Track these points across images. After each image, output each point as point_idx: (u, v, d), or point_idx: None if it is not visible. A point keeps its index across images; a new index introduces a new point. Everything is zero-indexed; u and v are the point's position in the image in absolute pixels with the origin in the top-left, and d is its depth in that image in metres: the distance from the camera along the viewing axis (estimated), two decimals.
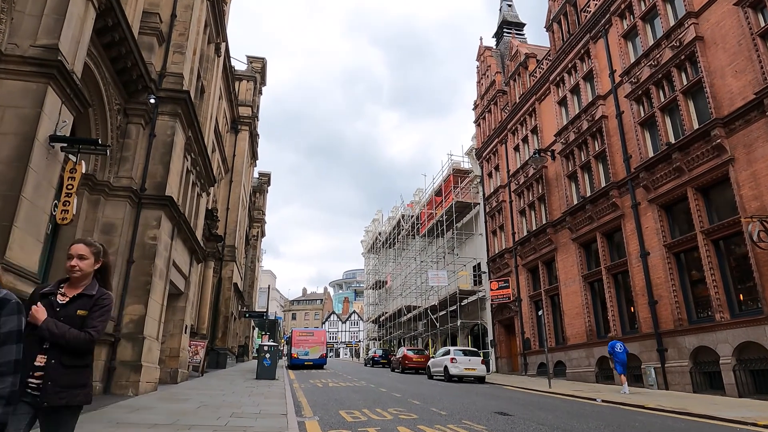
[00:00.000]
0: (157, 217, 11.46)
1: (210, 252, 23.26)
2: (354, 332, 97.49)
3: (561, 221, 20.33)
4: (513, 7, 31.99)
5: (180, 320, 14.56)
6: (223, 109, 26.64)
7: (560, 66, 21.21)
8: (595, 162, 18.56)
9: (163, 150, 12.01)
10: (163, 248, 11.75)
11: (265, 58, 34.13)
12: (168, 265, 12.25)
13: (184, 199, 13.87)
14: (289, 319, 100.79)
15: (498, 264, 25.94)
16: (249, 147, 32.44)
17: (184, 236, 13.82)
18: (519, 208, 24.23)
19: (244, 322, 44.50)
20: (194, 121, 13.43)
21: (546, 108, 22.59)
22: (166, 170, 11.86)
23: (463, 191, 30.88)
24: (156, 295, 11.38)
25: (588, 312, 18.44)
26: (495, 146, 27.44)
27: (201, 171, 15.39)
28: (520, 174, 24.20)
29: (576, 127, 19.64)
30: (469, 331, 30.36)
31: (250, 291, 45.59)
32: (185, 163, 13.36)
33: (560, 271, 20.41)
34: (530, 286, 23.16)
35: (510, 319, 24.76)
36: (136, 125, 11.69)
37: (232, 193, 29.17)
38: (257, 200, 48.97)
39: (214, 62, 17.51)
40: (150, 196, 11.48)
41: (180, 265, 13.86)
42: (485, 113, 29.09)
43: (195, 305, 20.81)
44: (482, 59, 30.15)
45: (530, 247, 22.71)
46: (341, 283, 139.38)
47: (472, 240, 30.37)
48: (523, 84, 24.89)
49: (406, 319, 40.04)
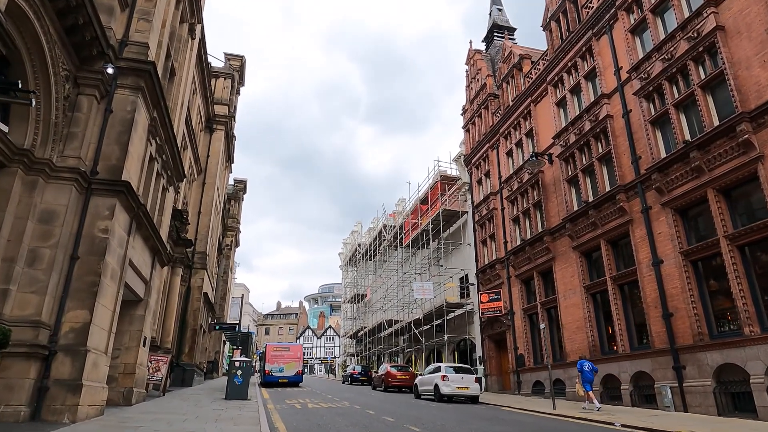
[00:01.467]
0: (110, 206, 9.60)
1: (178, 257, 21.21)
2: (329, 348, 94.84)
3: (560, 228, 19.04)
4: (503, 12, 31.16)
5: (138, 331, 12.56)
6: (197, 105, 24.78)
7: (559, 65, 20.12)
8: (599, 164, 17.36)
9: (121, 128, 10.20)
10: (116, 244, 9.87)
11: (244, 56, 32.42)
12: (123, 265, 10.35)
13: (146, 190, 12.01)
14: (262, 334, 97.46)
15: (488, 275, 24.50)
16: (224, 148, 30.52)
17: (145, 233, 11.94)
18: (512, 215, 22.92)
19: (215, 336, 41.95)
20: (160, 100, 11.66)
21: (542, 110, 21.46)
22: (123, 152, 10.04)
23: (450, 199, 29.52)
24: (106, 299, 9.47)
25: (591, 326, 17.06)
26: (486, 152, 26.20)
27: (168, 161, 13.55)
28: (514, 180, 22.94)
29: (577, 128, 18.48)
30: (456, 347, 28.75)
31: (222, 303, 43.13)
32: (148, 147, 11.54)
33: (559, 281, 19.05)
34: (524, 298, 21.74)
35: (501, 333, 23.26)
36: (88, 97, 9.88)
37: (204, 195, 27.15)
38: (232, 208, 46.73)
39: (187, 44, 15.77)
40: (102, 181, 9.63)
41: (139, 266, 11.95)
42: (475, 118, 27.91)
43: (159, 315, 18.71)
44: (472, 62, 29.07)
45: (525, 257, 21.35)
46: (317, 297, 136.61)
47: (460, 250, 28.94)
48: (517, 86, 23.79)
49: (386, 334, 38.22)
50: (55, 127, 9.19)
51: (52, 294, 8.63)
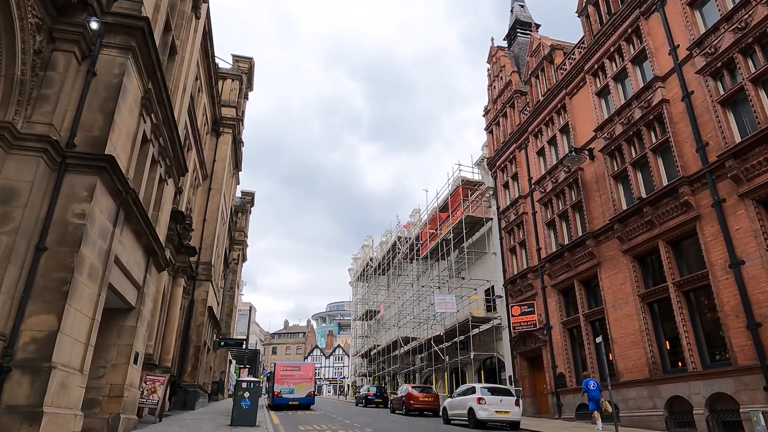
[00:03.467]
0: (88, 186, 7.70)
1: (180, 266, 19.27)
2: (338, 368, 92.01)
3: (606, 230, 16.96)
4: (525, 8, 29.52)
5: (128, 345, 10.56)
6: (202, 104, 23.11)
7: (599, 52, 18.27)
8: (654, 156, 15.35)
9: (106, 94, 8.36)
10: (97, 234, 7.95)
11: (253, 59, 30.92)
12: (106, 262, 8.41)
13: (139, 176, 10.13)
14: (269, 354, 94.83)
15: (519, 286, 22.33)
16: (232, 153, 28.80)
17: (136, 227, 10.02)
18: (546, 219, 20.84)
19: (220, 355, 39.72)
20: (157, 71, 9.86)
21: (580, 102, 19.55)
22: (108, 122, 8.19)
23: (473, 205, 27.51)
24: (81, 302, 7.51)
25: (649, 340, 14.84)
26: (512, 153, 24.26)
27: (166, 147, 11.70)
28: (547, 180, 20.93)
29: (624, 117, 16.53)
30: (481, 365, 26.43)
31: (227, 320, 40.94)
32: (141, 124, 9.70)
33: (606, 290, 16.89)
34: (562, 310, 19.54)
35: (536, 350, 20.99)
36: (65, 54, 8.07)
37: (210, 201, 25.31)
38: (239, 220, 44.88)
39: (190, 22, 14.08)
40: (80, 155, 7.76)
41: (129, 267, 10.01)
42: (499, 118, 26.05)
43: (158, 330, 16.69)
44: (494, 60, 27.35)
45: (562, 264, 19.21)
46: (325, 315, 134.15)
47: (484, 260, 26.81)
48: (548, 80, 21.95)
49: (402, 353, 35.87)
50: (21, 86, 7.37)
51: (8, 293, 6.69)
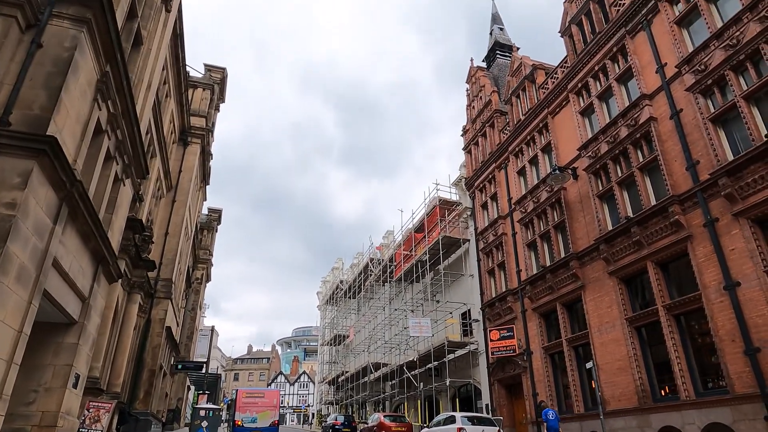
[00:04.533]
0: (22, 171, 6.49)
1: (137, 282, 17.70)
2: (303, 395, 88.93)
3: (591, 251, 16.39)
4: (505, 31, 29.63)
5: (66, 366, 9.11)
6: (170, 110, 21.85)
7: (583, 71, 18.05)
8: (641, 175, 14.96)
9: (53, 69, 7.21)
10: (30, 229, 6.69)
11: (226, 69, 29.84)
12: (42, 265, 7.12)
13: (90, 169, 8.89)
14: (231, 380, 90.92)
15: (497, 309, 21.52)
16: (199, 165, 27.40)
17: (83, 229, 8.73)
18: (527, 240, 20.23)
19: (178, 380, 37.24)
20: (117, 53, 8.75)
21: (563, 121, 19.23)
22: (53, 101, 7.03)
23: (449, 226, 26.79)
24: (3, 309, 6.20)
25: (638, 366, 14.14)
26: (492, 173, 23.77)
27: (124, 143, 10.49)
28: (528, 200, 20.40)
29: (610, 136, 16.18)
30: (456, 392, 25.30)
31: (188, 344, 38.58)
32: (95, 111, 8.52)
33: (591, 314, 16.21)
34: (544, 334, 18.75)
35: (515, 377, 20.07)
36: (5, 19, 6.94)
37: (174, 214, 23.79)
38: (204, 238, 42.94)
39: (159, 14, 13.04)
40: (15, 134, 6.55)
41: (73, 274, 8.66)
42: (478, 137, 25.64)
43: (108, 349, 15.05)
44: (474, 80, 27.12)
45: (544, 287, 18.53)
46: (290, 340, 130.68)
47: (460, 283, 25.97)
48: (530, 99, 21.67)
49: (372, 380, 34.40)
50: None
51: None
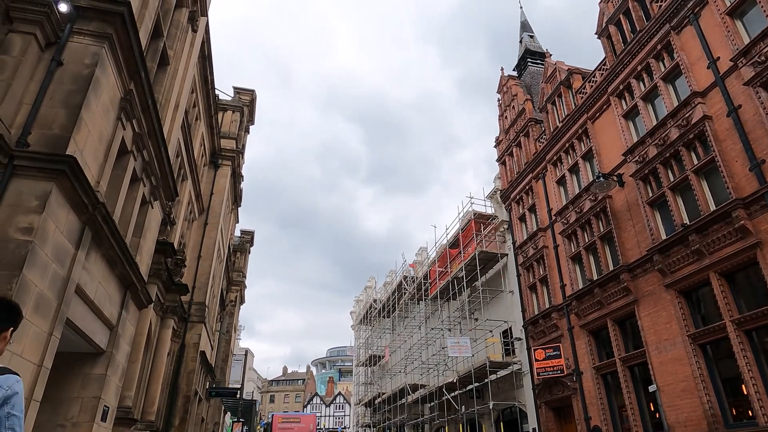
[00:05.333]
0: (41, 194, 6.09)
1: (170, 306, 17.36)
2: (339, 417, 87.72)
3: (644, 263, 15.24)
4: (535, 38, 28.88)
5: (94, 398, 8.66)
6: (200, 133, 21.86)
7: (624, 72, 17.11)
8: (696, 178, 13.83)
9: (73, 86, 6.88)
10: (51, 255, 6.28)
11: (255, 91, 29.99)
12: (63, 293, 6.70)
13: (115, 191, 8.54)
14: (266, 402, 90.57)
15: (541, 327, 20.37)
16: (230, 187, 27.37)
17: (109, 254, 8.34)
18: (570, 253, 19.13)
19: (214, 405, 36.94)
20: (141, 70, 8.44)
21: (604, 126, 18.25)
22: (72, 119, 6.67)
23: (486, 240, 25.84)
24: (16, 342, 5.73)
25: (705, 388, 12.85)
26: (529, 183, 22.83)
27: (151, 164, 10.17)
28: (570, 211, 19.36)
29: (659, 138, 15.14)
30: (500, 415, 24.05)
31: (223, 367, 38.35)
32: (119, 130, 8.19)
33: (647, 330, 15.00)
34: (594, 353, 17.53)
35: (564, 399, 18.81)
36: (24, 37, 6.64)
37: (206, 237, 23.66)
38: (238, 260, 42.99)
39: (186, 33, 12.87)
40: (33, 155, 6.19)
41: (99, 301, 8.26)
42: (512, 148, 24.78)
43: (141, 377, 14.69)
44: (505, 90, 26.38)
45: (592, 302, 17.37)
46: (324, 361, 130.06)
47: (499, 299, 24.89)
48: (567, 105, 20.77)
49: (410, 402, 33.27)
50: None
51: None
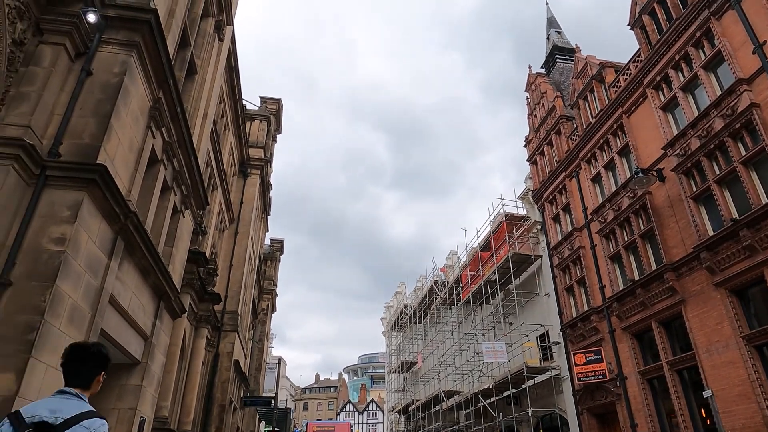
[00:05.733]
0: (72, 203, 6.04)
1: (203, 316, 17.44)
2: (372, 424, 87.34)
3: (690, 261, 14.49)
4: (563, 34, 28.22)
5: (130, 410, 8.62)
6: (229, 143, 22.05)
7: (661, 62, 16.42)
8: (745, 169, 13.08)
9: (102, 95, 6.85)
10: (83, 265, 6.22)
11: (281, 100, 30.21)
12: (97, 304, 6.64)
13: (146, 201, 8.50)
14: (300, 410, 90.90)
15: (580, 330, 19.65)
16: (260, 196, 27.54)
17: (142, 263, 8.30)
18: (609, 252, 18.42)
19: (249, 413, 37.11)
20: (169, 78, 8.42)
21: (641, 120, 17.55)
22: (102, 128, 6.63)
23: (519, 242, 25.21)
24: (54, 354, 5.65)
25: (763, 392, 12.06)
26: (562, 182, 22.17)
27: (182, 172, 10.15)
28: (607, 209, 18.66)
29: (701, 130, 14.41)
30: (539, 422, 23.31)
31: (256, 375, 38.54)
32: (149, 139, 8.16)
33: (696, 332, 14.23)
34: (638, 357, 16.76)
35: (607, 406, 18.05)
36: (54, 48, 6.64)
37: (237, 246, 23.80)
38: (268, 269, 43.30)
39: (212, 42, 12.91)
40: (64, 165, 6.15)
41: (133, 311, 8.22)
42: (543, 146, 24.16)
43: (177, 387, 14.73)
44: (533, 88, 25.79)
45: (635, 303, 16.63)
46: (356, 368, 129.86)
47: (535, 302, 24.21)
48: (600, 100, 20.10)
49: (445, 409, 32.68)
50: None
51: None
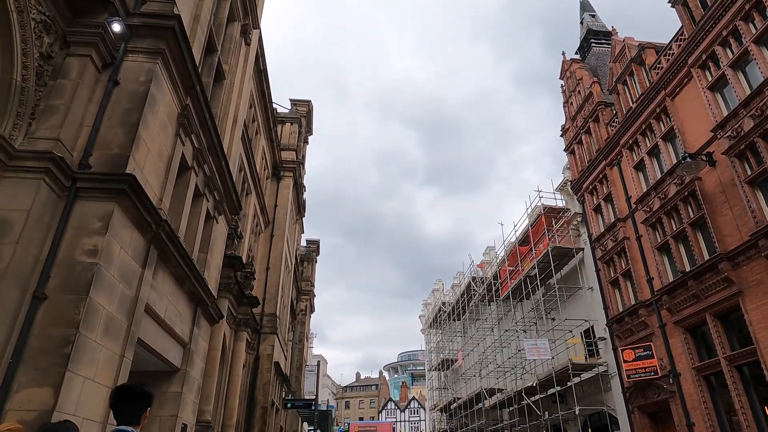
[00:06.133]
0: (103, 215, 6.00)
1: (243, 319, 17.59)
2: (414, 422, 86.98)
3: (747, 249, 13.58)
4: (597, 17, 27.12)
5: (171, 417, 8.65)
6: (261, 147, 22.18)
7: (707, 39, 15.46)
8: None
9: (129, 105, 6.82)
10: (117, 277, 6.19)
11: (311, 102, 30.25)
12: (133, 314, 6.61)
13: (178, 208, 8.48)
14: (342, 408, 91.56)
15: (628, 325, 18.81)
16: (293, 198, 27.66)
17: (177, 272, 8.29)
18: (656, 243, 17.54)
19: (292, 413, 37.48)
20: (195, 84, 8.36)
21: (686, 101, 16.60)
22: (130, 137, 6.58)
23: (558, 235, 24.41)
24: (91, 367, 5.65)
25: None
26: (602, 171, 21.29)
27: (213, 178, 10.13)
28: (653, 197, 17.77)
29: (755, 109, 13.47)
30: (587, 421, 22.51)
31: (297, 375, 38.92)
32: (179, 146, 8.12)
33: (757, 325, 13.32)
34: (692, 352, 15.87)
35: (660, 404, 17.20)
36: (80, 59, 6.64)
37: (273, 249, 23.95)
38: (305, 270, 43.66)
39: (239, 47, 12.89)
40: (93, 176, 6.13)
41: (169, 319, 8.22)
42: (581, 135, 23.29)
43: (219, 391, 14.87)
44: (568, 75, 24.89)
45: (687, 296, 15.75)
46: (396, 366, 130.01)
47: (577, 297, 23.39)
48: (640, 83, 19.16)
49: (487, 407, 32.10)
50: (22, 95, 5.91)
51: None
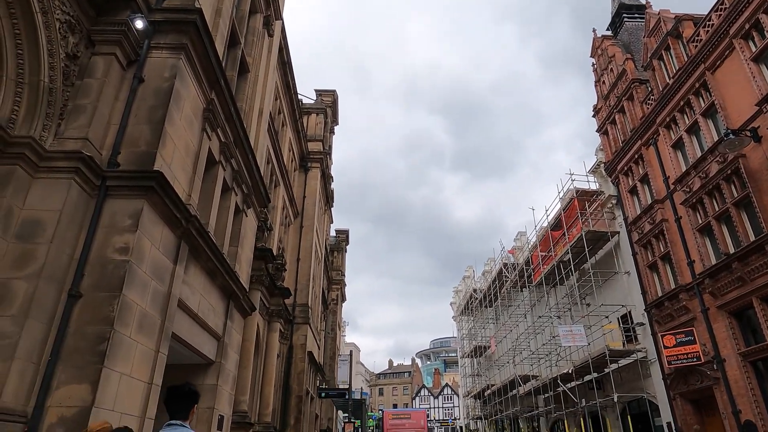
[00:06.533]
0: (132, 212, 6.04)
1: (275, 310, 17.77)
2: (448, 408, 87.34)
3: None
4: None
5: (208, 409, 8.77)
6: (288, 139, 22.24)
7: (751, 6, 14.58)
8: None
9: (155, 102, 6.82)
10: (149, 273, 6.23)
11: (336, 91, 30.15)
12: (166, 309, 6.67)
13: (207, 203, 8.51)
14: (376, 395, 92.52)
15: (668, 310, 18.20)
16: (321, 188, 27.74)
17: (208, 266, 8.34)
18: (697, 224, 16.84)
19: (327, 401, 38.10)
20: (220, 78, 8.33)
21: (727, 75, 15.77)
22: (156, 134, 6.59)
23: (592, 218, 23.75)
24: (127, 363, 5.72)
25: None
26: (638, 151, 20.52)
27: (241, 172, 10.15)
28: (693, 177, 17.03)
29: None
30: (626, 408, 22.01)
31: (331, 364, 39.38)
32: (205, 141, 8.13)
33: None
34: (738, 338, 15.24)
35: (704, 390, 16.63)
36: (105, 58, 6.66)
37: (303, 240, 24.11)
38: (335, 259, 43.96)
39: (262, 38, 12.84)
40: (122, 174, 6.16)
41: (203, 313, 8.30)
42: (614, 114, 22.48)
43: (254, 381, 15.11)
44: (599, 52, 24.01)
45: (731, 279, 15.09)
46: (429, 353, 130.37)
47: (613, 282, 22.75)
48: (678, 58, 18.30)
49: (522, 394, 31.80)
50: (51, 96, 5.96)
51: (28, 358, 5.02)
